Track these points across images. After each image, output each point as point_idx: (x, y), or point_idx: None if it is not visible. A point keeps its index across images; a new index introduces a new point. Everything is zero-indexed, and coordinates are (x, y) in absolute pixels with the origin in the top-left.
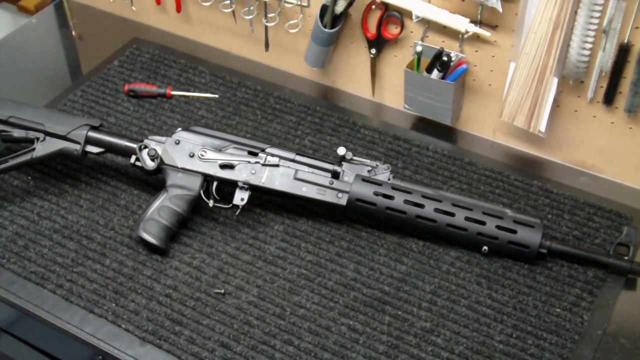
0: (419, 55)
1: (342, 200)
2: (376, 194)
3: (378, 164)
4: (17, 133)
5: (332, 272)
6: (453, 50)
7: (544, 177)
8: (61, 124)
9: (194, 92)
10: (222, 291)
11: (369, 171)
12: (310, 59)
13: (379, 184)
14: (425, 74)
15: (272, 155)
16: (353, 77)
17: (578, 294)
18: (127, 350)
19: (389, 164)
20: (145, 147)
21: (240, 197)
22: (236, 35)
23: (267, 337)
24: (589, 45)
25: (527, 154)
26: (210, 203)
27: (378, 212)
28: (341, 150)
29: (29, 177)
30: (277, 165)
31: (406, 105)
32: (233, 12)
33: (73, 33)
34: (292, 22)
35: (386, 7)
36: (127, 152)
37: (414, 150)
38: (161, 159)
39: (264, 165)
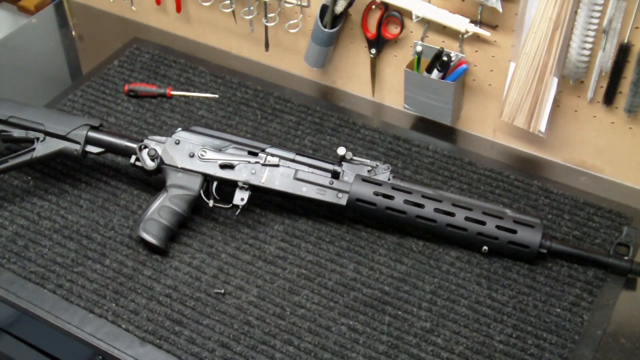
0: (419, 55)
1: (342, 200)
2: (376, 194)
3: (378, 164)
4: (17, 133)
5: (332, 272)
6: (453, 50)
7: (544, 177)
8: (61, 124)
9: (194, 92)
10: (222, 291)
11: (369, 171)
12: (310, 59)
13: (379, 184)
14: (425, 74)
15: (272, 155)
16: (353, 77)
17: (578, 294)
18: (127, 350)
19: (389, 164)
20: (145, 147)
21: (240, 197)
22: (236, 35)
23: (267, 337)
24: (589, 45)
25: (527, 154)
26: (210, 203)
27: (378, 212)
28: (341, 150)
29: (29, 177)
30: (277, 165)
31: (406, 105)
32: (233, 12)
33: (73, 33)
34: (292, 22)
35: (386, 7)
36: (127, 152)
37: (414, 150)
38: (161, 159)
39: (264, 165)
